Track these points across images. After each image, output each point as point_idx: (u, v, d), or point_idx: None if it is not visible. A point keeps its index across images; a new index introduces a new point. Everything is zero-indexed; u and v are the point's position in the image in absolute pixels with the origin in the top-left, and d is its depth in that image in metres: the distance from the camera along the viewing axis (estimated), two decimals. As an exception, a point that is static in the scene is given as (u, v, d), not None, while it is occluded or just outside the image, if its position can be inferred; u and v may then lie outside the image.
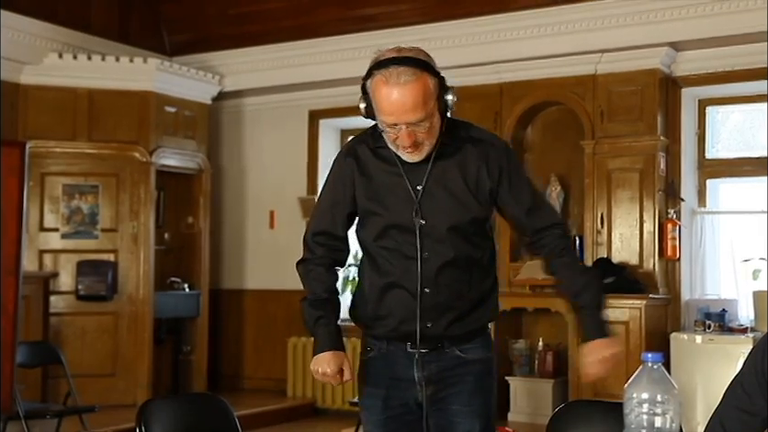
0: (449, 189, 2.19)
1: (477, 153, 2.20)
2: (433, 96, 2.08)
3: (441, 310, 2.21)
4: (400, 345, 2.26)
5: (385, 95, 2.06)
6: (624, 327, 5.76)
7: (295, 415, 6.83)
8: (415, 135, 2.09)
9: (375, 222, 2.24)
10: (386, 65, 2.07)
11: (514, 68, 6.34)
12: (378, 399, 2.30)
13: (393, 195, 2.21)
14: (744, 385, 1.90)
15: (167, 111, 6.86)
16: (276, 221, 7.58)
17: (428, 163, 2.17)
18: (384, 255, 2.24)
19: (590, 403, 2.82)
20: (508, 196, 2.25)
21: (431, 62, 2.13)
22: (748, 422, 1.88)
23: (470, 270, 2.23)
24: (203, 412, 2.73)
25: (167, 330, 7.02)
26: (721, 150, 6.34)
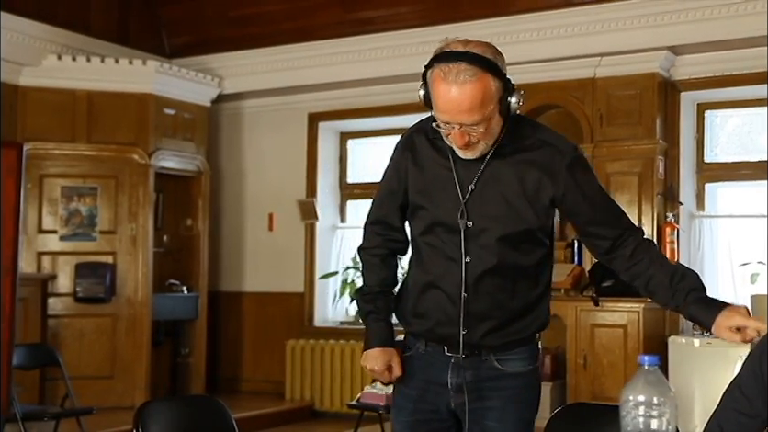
0: (503, 194, 2.07)
1: (541, 159, 2.06)
2: (493, 99, 1.95)
3: (479, 318, 2.11)
4: (437, 347, 2.17)
5: (441, 91, 1.94)
6: (622, 331, 5.77)
7: (293, 418, 6.83)
8: (469, 136, 1.98)
9: (422, 217, 2.15)
10: (448, 59, 1.94)
11: (514, 71, 6.18)
12: (409, 400, 2.22)
13: (443, 191, 2.10)
14: (743, 388, 1.90)
15: (166, 113, 6.86)
16: (275, 224, 7.58)
17: (482, 162, 2.06)
18: (428, 252, 2.15)
19: (587, 405, 2.81)
20: (576, 207, 2.11)
21: (498, 60, 1.98)
22: (746, 424, 1.88)
23: (515, 279, 2.11)
24: (200, 414, 2.73)
25: (165, 332, 7.02)
26: (720, 154, 6.34)
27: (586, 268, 6.08)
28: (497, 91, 1.96)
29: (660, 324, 5.99)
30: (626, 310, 5.78)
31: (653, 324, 5.88)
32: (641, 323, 5.73)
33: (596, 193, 2.12)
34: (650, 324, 5.83)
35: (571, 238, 6.34)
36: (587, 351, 5.83)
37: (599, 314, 5.86)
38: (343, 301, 7.33)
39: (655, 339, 5.80)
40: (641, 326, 5.72)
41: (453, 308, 2.11)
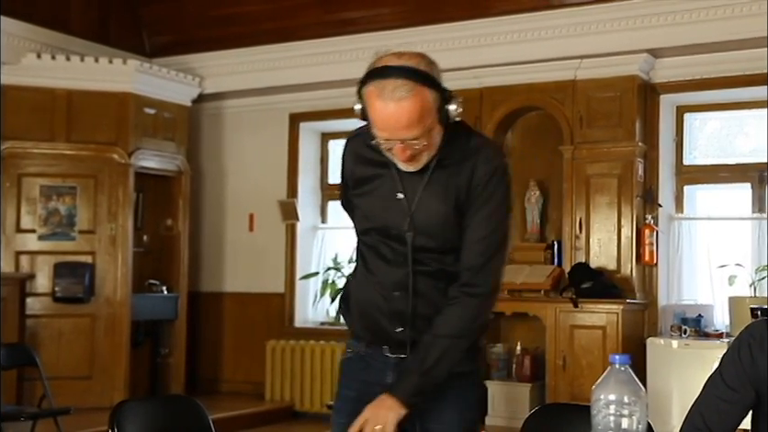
0: (441, 202, 2.05)
1: (470, 166, 2.03)
2: (431, 112, 1.91)
3: (416, 319, 2.10)
4: (377, 348, 2.17)
5: (378, 109, 1.90)
6: (601, 332, 5.80)
7: (273, 419, 6.82)
8: (411, 150, 1.95)
9: (362, 219, 2.16)
10: (382, 74, 1.90)
11: (494, 73, 6.36)
12: (348, 402, 2.19)
13: (385, 199, 2.09)
14: (723, 376, 1.93)
15: (146, 113, 6.83)
16: (256, 224, 7.57)
17: (426, 172, 2.03)
18: (367, 253, 2.16)
19: (563, 406, 2.82)
20: (468, 220, 2.05)
21: (433, 71, 1.93)
22: (727, 411, 1.91)
23: (450, 281, 2.09)
24: (177, 414, 2.72)
25: (145, 333, 6.99)
26: (698, 156, 6.39)
27: (566, 270, 6.11)
28: (434, 102, 1.92)
29: (638, 326, 6.03)
30: (605, 311, 5.81)
31: (632, 326, 5.92)
32: (620, 324, 5.76)
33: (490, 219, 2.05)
34: (629, 326, 5.86)
35: (551, 240, 6.37)
36: (566, 352, 5.86)
37: (578, 316, 5.89)
38: (323, 302, 7.33)
39: (634, 340, 5.84)
40: (620, 328, 5.76)
41: (389, 308, 2.11)
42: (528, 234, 6.47)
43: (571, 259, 6.11)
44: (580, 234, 6.13)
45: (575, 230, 6.14)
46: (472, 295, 2.06)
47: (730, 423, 1.91)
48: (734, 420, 1.92)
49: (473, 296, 2.06)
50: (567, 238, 6.17)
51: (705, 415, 1.91)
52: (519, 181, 6.53)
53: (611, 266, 6.04)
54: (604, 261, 6.05)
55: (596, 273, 5.96)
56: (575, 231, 6.14)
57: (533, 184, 6.43)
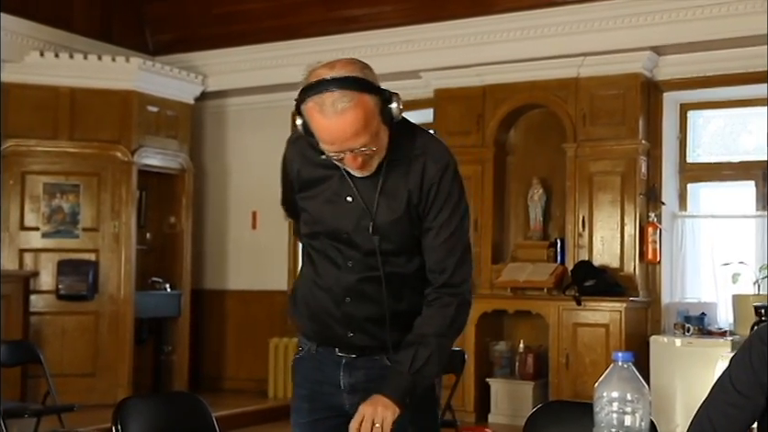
0: (391, 206, 2.03)
1: (419, 166, 2.01)
2: (375, 116, 1.89)
3: (364, 320, 2.09)
4: (328, 348, 2.15)
5: (322, 125, 1.87)
6: (604, 330, 5.80)
7: (276, 416, 6.81)
8: (362, 157, 1.92)
9: (310, 222, 2.12)
10: (318, 89, 1.86)
11: (497, 71, 6.36)
12: (304, 401, 2.19)
13: (329, 201, 2.06)
14: (733, 380, 1.90)
15: (149, 111, 6.84)
16: (259, 222, 7.57)
17: (377, 175, 2.00)
18: (316, 256, 2.13)
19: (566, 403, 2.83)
20: (430, 222, 2.04)
21: (368, 75, 1.90)
22: (736, 416, 1.89)
23: (401, 284, 2.09)
24: (180, 411, 2.72)
25: (148, 330, 7.00)
26: (702, 154, 6.38)
27: (569, 268, 6.10)
28: (376, 106, 1.89)
29: (641, 324, 6.03)
30: (609, 309, 5.81)
31: (635, 324, 5.91)
32: (623, 322, 5.76)
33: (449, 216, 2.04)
34: (632, 324, 5.86)
35: (554, 237, 6.36)
36: (569, 350, 5.86)
37: (581, 314, 5.88)
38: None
39: (637, 338, 5.83)
40: (623, 326, 5.76)
41: (338, 311, 2.10)
42: (531, 232, 6.47)
43: (574, 257, 6.11)
44: (583, 232, 6.12)
45: (578, 228, 6.14)
46: (453, 295, 2.08)
47: (738, 428, 1.89)
48: (742, 425, 1.89)
49: (454, 296, 2.09)
50: (570, 236, 6.16)
51: (713, 419, 1.89)
52: (522, 179, 6.54)
53: (614, 264, 6.03)
54: (607, 259, 6.05)
55: (599, 271, 5.95)
56: (578, 229, 6.13)
57: (536, 182, 6.42)
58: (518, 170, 6.56)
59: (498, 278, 6.27)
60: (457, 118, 6.46)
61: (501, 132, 6.49)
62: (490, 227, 6.36)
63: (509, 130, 6.60)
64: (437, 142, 2.09)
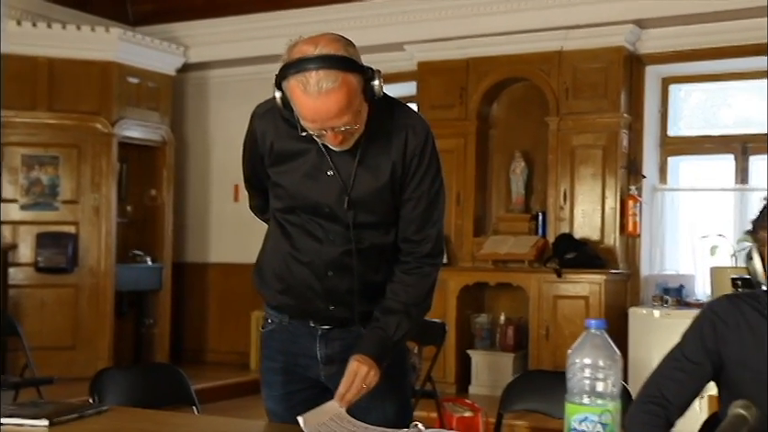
0: (371, 180, 2.03)
1: (401, 139, 2.02)
2: (357, 94, 1.88)
3: (346, 293, 2.09)
4: (301, 320, 2.15)
5: (305, 104, 1.85)
6: (584, 302, 5.84)
7: (258, 388, 6.77)
8: (342, 134, 1.92)
9: (284, 197, 2.10)
10: (301, 67, 1.83)
11: (481, 44, 6.33)
12: (277, 374, 2.18)
13: (308, 175, 2.05)
14: (685, 351, 1.98)
15: (130, 82, 6.78)
16: (241, 195, 7.53)
17: (356, 150, 2.00)
18: (292, 230, 2.11)
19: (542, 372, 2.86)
20: (410, 193, 2.05)
21: (351, 53, 1.87)
22: (683, 380, 1.95)
23: (379, 256, 2.10)
24: (159, 382, 2.72)
25: (129, 303, 6.99)
26: (683, 128, 6.40)
27: (550, 241, 6.13)
28: (359, 84, 1.88)
29: (621, 296, 6.07)
30: (588, 281, 5.84)
31: (614, 296, 5.95)
32: (603, 294, 5.80)
33: (429, 185, 2.06)
34: (612, 296, 5.90)
35: (535, 210, 6.38)
36: (549, 322, 5.90)
37: (561, 286, 5.91)
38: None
39: (616, 310, 5.88)
40: (603, 297, 5.79)
41: (320, 285, 2.09)
42: (513, 205, 6.48)
43: (555, 230, 6.13)
44: (564, 205, 6.14)
45: (560, 201, 6.15)
46: (434, 265, 2.11)
47: (686, 393, 1.94)
48: (688, 391, 1.95)
49: (435, 266, 2.12)
50: (551, 209, 6.18)
51: (660, 384, 1.95)
52: (504, 152, 6.54)
53: (594, 236, 6.06)
54: (587, 232, 6.08)
55: (580, 244, 5.98)
56: (560, 202, 6.15)
57: (518, 155, 6.43)
58: (501, 143, 6.57)
59: (479, 251, 6.29)
60: (440, 91, 6.44)
61: (483, 105, 6.48)
62: (472, 200, 6.37)
63: (492, 103, 6.59)
64: (416, 115, 2.10)
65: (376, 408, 2.07)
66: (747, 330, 1.93)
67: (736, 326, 1.94)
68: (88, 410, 2.08)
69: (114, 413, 2.11)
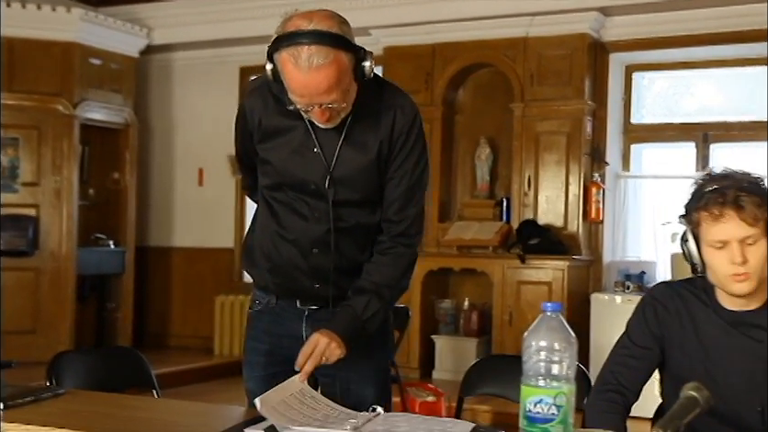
0: (358, 159, 2.05)
1: (389, 118, 2.04)
2: (348, 73, 1.90)
3: (330, 271, 2.10)
4: (289, 300, 2.16)
5: (295, 78, 1.86)
6: (547, 288, 5.89)
7: (222, 373, 6.81)
8: (329, 111, 1.93)
9: (272, 173, 2.11)
10: (294, 40, 1.84)
11: (447, 29, 6.33)
12: (261, 355, 2.19)
13: (300, 154, 2.06)
14: (630, 335, 2.04)
15: (92, 63, 6.68)
16: (205, 179, 7.49)
17: (342, 128, 2.02)
18: (279, 208, 2.13)
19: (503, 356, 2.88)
20: (394, 172, 2.07)
21: (345, 32, 1.89)
22: (637, 367, 2.01)
23: (365, 235, 2.12)
24: (119, 365, 2.70)
25: (91, 287, 6.92)
26: (646, 115, 6.46)
27: (514, 227, 6.16)
28: (350, 63, 1.90)
29: (583, 282, 6.13)
30: (552, 267, 5.89)
31: (577, 282, 6.01)
32: (566, 280, 5.85)
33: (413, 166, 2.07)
34: (574, 282, 5.95)
35: (500, 196, 6.41)
36: (513, 307, 5.94)
37: (525, 272, 5.96)
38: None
39: (579, 296, 5.94)
40: (566, 283, 5.84)
41: (305, 263, 2.10)
42: (478, 191, 6.50)
43: (520, 216, 6.17)
44: (528, 191, 6.18)
45: (524, 187, 6.19)
46: (409, 245, 2.12)
47: (640, 378, 2.01)
48: (643, 375, 2.01)
49: (410, 246, 2.12)
50: (516, 195, 6.21)
51: (615, 372, 2.00)
52: (470, 138, 6.55)
53: (558, 223, 6.11)
54: (551, 218, 6.12)
55: (544, 230, 6.02)
56: (524, 188, 6.19)
57: (483, 141, 6.45)
58: (466, 129, 6.58)
59: (444, 237, 6.31)
60: (406, 76, 6.42)
61: (449, 91, 6.49)
62: (437, 186, 6.38)
63: (458, 89, 6.60)
64: (405, 95, 2.12)
65: (356, 391, 2.10)
66: (686, 315, 1.98)
67: (676, 311, 2.00)
68: (44, 393, 2.06)
69: (71, 396, 2.09)
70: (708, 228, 1.87)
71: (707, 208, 1.86)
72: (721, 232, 1.85)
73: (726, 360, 1.92)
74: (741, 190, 1.85)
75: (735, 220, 1.84)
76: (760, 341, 1.91)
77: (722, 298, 1.95)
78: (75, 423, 1.77)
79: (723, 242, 1.85)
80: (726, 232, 1.85)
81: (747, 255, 1.84)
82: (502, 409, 4.61)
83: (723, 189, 1.86)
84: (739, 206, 1.83)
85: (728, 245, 1.85)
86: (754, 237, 1.85)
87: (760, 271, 1.87)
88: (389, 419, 1.81)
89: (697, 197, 1.90)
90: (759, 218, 1.84)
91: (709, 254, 1.89)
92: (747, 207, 1.83)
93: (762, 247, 1.86)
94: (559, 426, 1.48)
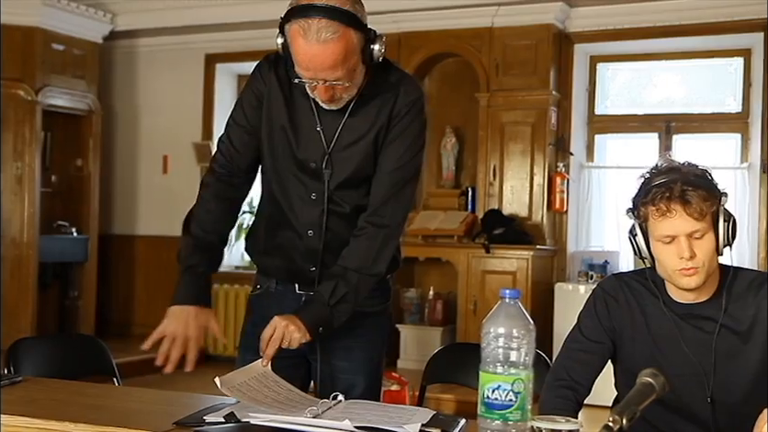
0: (360, 142, 2.05)
1: (390, 99, 2.03)
2: (355, 52, 1.90)
3: (325, 254, 2.10)
4: (288, 285, 2.17)
5: (302, 49, 1.87)
6: (511, 277, 5.93)
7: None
8: (333, 90, 1.94)
9: (276, 155, 2.11)
10: (306, 13, 1.85)
11: (413, 18, 6.33)
12: (256, 339, 2.13)
13: (305, 134, 2.06)
14: (583, 331, 2.04)
15: (55, 49, 6.59)
16: (170, 166, 7.43)
17: (346, 111, 2.02)
18: (279, 190, 2.13)
19: (465, 345, 2.90)
20: (382, 150, 2.05)
21: (357, 11, 1.90)
22: (588, 361, 2.01)
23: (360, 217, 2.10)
24: (78, 353, 2.68)
25: (53, 275, 6.84)
26: (609, 106, 6.51)
27: (479, 216, 6.19)
28: (359, 42, 1.91)
29: (547, 272, 6.18)
30: (516, 257, 5.93)
31: (541, 272, 6.06)
32: (530, 269, 5.89)
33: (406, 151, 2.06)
34: (539, 271, 6.00)
35: (465, 186, 6.44)
36: (477, 297, 5.97)
37: (490, 261, 5.99)
38: (238, 246, 7.26)
39: (543, 285, 5.99)
40: (530, 273, 5.89)
41: (303, 245, 2.11)
42: (443, 181, 6.52)
43: (485, 206, 6.20)
44: (493, 181, 6.21)
45: (489, 177, 6.22)
46: (379, 226, 2.07)
47: (591, 372, 2.01)
48: (594, 369, 2.02)
49: (380, 227, 2.07)
50: (481, 185, 6.24)
51: (567, 367, 2.00)
52: (436, 128, 6.56)
53: (523, 212, 6.15)
54: (516, 208, 6.16)
55: (508, 220, 6.06)
56: (489, 178, 6.22)
57: (449, 130, 6.47)
58: (432, 119, 6.51)
59: (409, 226, 6.31)
60: (372, 64, 6.42)
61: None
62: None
63: (423, 78, 6.59)
64: (411, 79, 2.11)
65: (346, 379, 2.11)
66: (637, 307, 2.00)
67: (626, 303, 2.00)
68: (1, 381, 2.03)
69: (29, 383, 2.07)
70: (656, 223, 1.87)
71: (654, 202, 1.86)
72: (669, 227, 1.85)
73: (676, 352, 1.94)
74: (688, 184, 1.85)
75: (682, 215, 1.84)
76: (709, 332, 1.93)
77: (672, 291, 1.97)
78: (33, 410, 1.75)
79: (671, 236, 1.86)
80: (673, 227, 1.85)
81: (695, 250, 1.85)
82: (466, 398, 4.63)
83: (669, 183, 1.86)
84: (686, 200, 1.84)
85: (676, 240, 1.86)
86: (701, 231, 1.85)
87: (708, 265, 1.87)
88: (350, 407, 1.81)
89: (644, 191, 1.90)
90: (705, 212, 1.84)
91: (658, 248, 1.89)
92: (693, 201, 1.83)
93: (710, 241, 1.86)
94: (517, 412, 1.49)
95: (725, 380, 1.93)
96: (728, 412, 1.94)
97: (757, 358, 1.93)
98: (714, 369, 1.92)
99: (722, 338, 1.93)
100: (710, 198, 1.86)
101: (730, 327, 1.93)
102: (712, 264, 1.89)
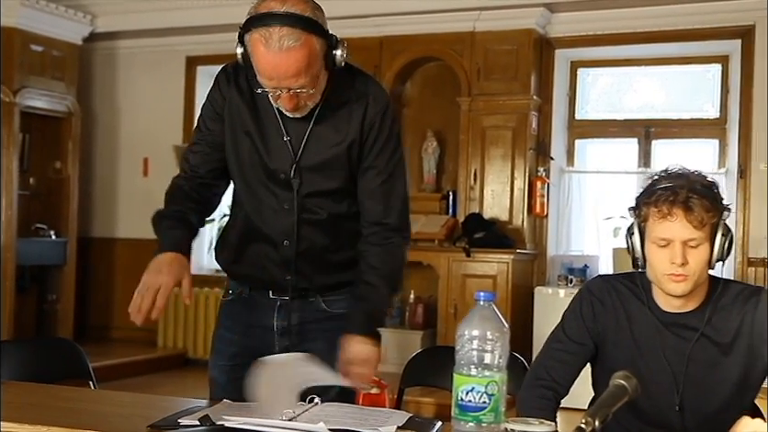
0: (328, 149, 2.03)
1: (360, 107, 2.02)
2: (318, 59, 1.89)
3: (304, 263, 2.09)
4: (260, 291, 2.16)
5: (264, 59, 1.85)
6: (491, 281, 5.94)
7: (165, 366, 6.75)
8: (297, 98, 1.92)
9: (242, 164, 2.09)
10: (266, 21, 1.83)
11: (395, 22, 6.34)
12: (230, 345, 2.18)
13: (270, 143, 2.04)
14: (565, 330, 2.04)
15: (33, 50, 6.54)
16: (150, 169, 7.39)
17: (311, 118, 2.01)
18: (249, 200, 2.11)
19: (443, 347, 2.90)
20: (372, 162, 2.05)
21: (318, 17, 1.89)
22: (569, 361, 2.01)
23: (339, 226, 2.11)
24: (54, 357, 2.66)
25: (31, 278, 6.78)
26: (590, 111, 6.55)
27: (460, 220, 6.21)
28: (321, 49, 1.90)
29: (527, 276, 6.20)
30: (497, 261, 5.94)
31: (521, 275, 6.07)
32: (510, 273, 5.91)
33: (386, 163, 2.06)
34: (519, 275, 6.02)
35: (446, 190, 6.45)
36: (458, 300, 5.98)
37: (470, 265, 6.00)
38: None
39: (523, 289, 6.00)
40: (510, 277, 5.90)
41: (278, 255, 2.09)
42: (424, 185, 6.53)
43: (465, 210, 6.21)
44: (474, 185, 6.22)
45: (470, 181, 6.23)
46: (403, 238, 2.11)
47: (572, 372, 2.02)
48: (574, 370, 2.02)
49: (404, 239, 2.12)
50: (462, 189, 6.25)
51: (547, 367, 2.01)
52: (417, 131, 6.57)
53: (503, 216, 6.16)
54: (496, 212, 6.18)
55: (489, 224, 6.07)
56: (470, 182, 6.23)
57: (430, 134, 6.48)
58: (413, 122, 6.60)
59: (390, 230, 6.31)
60: (353, 68, 6.43)
61: (397, 84, 6.50)
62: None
63: (405, 82, 6.61)
64: (376, 84, 2.11)
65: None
66: (622, 311, 1.99)
67: (612, 306, 2.00)
68: (-25, 384, 2.01)
69: (3, 386, 2.05)
70: (654, 224, 1.87)
71: (657, 204, 1.86)
72: (666, 230, 1.85)
73: (656, 359, 1.94)
74: (693, 192, 1.85)
75: (682, 220, 1.84)
76: (688, 341, 1.93)
77: (659, 297, 1.97)
78: (7, 414, 1.73)
79: (667, 240, 1.86)
80: (671, 231, 1.85)
81: (688, 257, 1.85)
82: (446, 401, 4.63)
83: (676, 188, 1.86)
84: (689, 207, 1.84)
85: (671, 245, 1.85)
86: (698, 240, 1.85)
87: (698, 275, 1.87)
88: (326, 409, 1.81)
89: (649, 192, 1.90)
90: (705, 222, 1.84)
91: (652, 250, 1.89)
92: (696, 209, 1.83)
93: (704, 251, 1.86)
94: (491, 414, 1.49)
95: (700, 390, 1.93)
96: (700, 420, 1.94)
97: (737, 371, 1.93)
98: (685, 377, 1.92)
99: (701, 348, 1.93)
100: (713, 209, 1.86)
101: (711, 338, 1.93)
102: (702, 274, 1.89)
